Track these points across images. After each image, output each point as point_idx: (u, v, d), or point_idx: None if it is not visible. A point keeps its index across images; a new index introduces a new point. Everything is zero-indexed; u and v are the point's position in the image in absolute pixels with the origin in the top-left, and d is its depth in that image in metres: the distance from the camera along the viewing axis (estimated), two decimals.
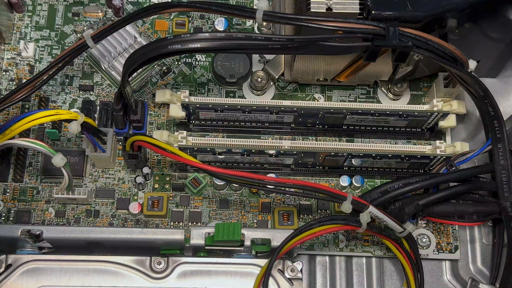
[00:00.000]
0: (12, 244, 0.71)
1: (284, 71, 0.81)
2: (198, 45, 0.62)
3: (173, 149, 0.68)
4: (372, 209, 0.68)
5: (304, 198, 0.80)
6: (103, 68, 0.83)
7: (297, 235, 0.67)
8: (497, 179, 0.70)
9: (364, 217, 0.68)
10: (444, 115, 0.76)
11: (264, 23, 0.84)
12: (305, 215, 0.79)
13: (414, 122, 0.78)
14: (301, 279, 0.75)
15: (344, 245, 0.78)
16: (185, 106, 0.75)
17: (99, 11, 0.86)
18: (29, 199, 0.78)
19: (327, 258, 0.79)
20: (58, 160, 0.69)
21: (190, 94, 0.75)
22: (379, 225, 0.74)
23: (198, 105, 0.74)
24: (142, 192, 0.79)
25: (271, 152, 0.74)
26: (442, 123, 0.78)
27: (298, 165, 0.79)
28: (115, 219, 0.78)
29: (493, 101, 0.69)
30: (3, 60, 0.84)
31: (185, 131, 0.74)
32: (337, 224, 0.68)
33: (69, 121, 0.69)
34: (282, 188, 0.67)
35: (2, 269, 0.73)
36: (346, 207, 0.66)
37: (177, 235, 0.69)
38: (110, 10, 0.86)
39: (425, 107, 0.77)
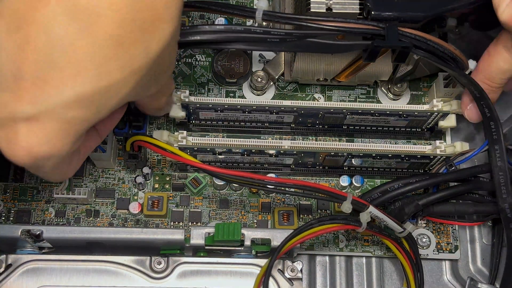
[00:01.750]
0: (12, 244, 0.71)
1: (284, 71, 0.81)
2: (197, 37, 0.62)
3: (173, 149, 0.68)
4: (372, 209, 0.68)
5: (304, 198, 0.80)
6: None
7: (297, 234, 0.67)
8: (495, 181, 0.70)
9: (364, 217, 0.68)
10: (444, 115, 0.76)
11: (264, 23, 0.83)
12: (305, 215, 0.79)
13: (414, 122, 0.78)
14: (301, 279, 0.75)
15: (344, 245, 0.78)
16: (185, 106, 0.75)
17: None
18: (29, 199, 0.78)
19: (327, 258, 0.79)
20: None
21: (190, 94, 0.75)
22: (379, 225, 0.74)
23: (198, 105, 0.74)
24: (142, 192, 0.79)
25: (271, 152, 0.74)
26: (442, 123, 0.78)
27: (298, 165, 0.79)
28: (115, 219, 0.78)
29: (489, 102, 0.69)
30: None
31: (185, 131, 0.74)
32: (337, 224, 0.68)
33: None
34: (282, 188, 0.67)
35: (2, 269, 0.73)
36: (346, 207, 0.66)
37: (177, 235, 0.69)
38: None
39: (425, 107, 0.77)
